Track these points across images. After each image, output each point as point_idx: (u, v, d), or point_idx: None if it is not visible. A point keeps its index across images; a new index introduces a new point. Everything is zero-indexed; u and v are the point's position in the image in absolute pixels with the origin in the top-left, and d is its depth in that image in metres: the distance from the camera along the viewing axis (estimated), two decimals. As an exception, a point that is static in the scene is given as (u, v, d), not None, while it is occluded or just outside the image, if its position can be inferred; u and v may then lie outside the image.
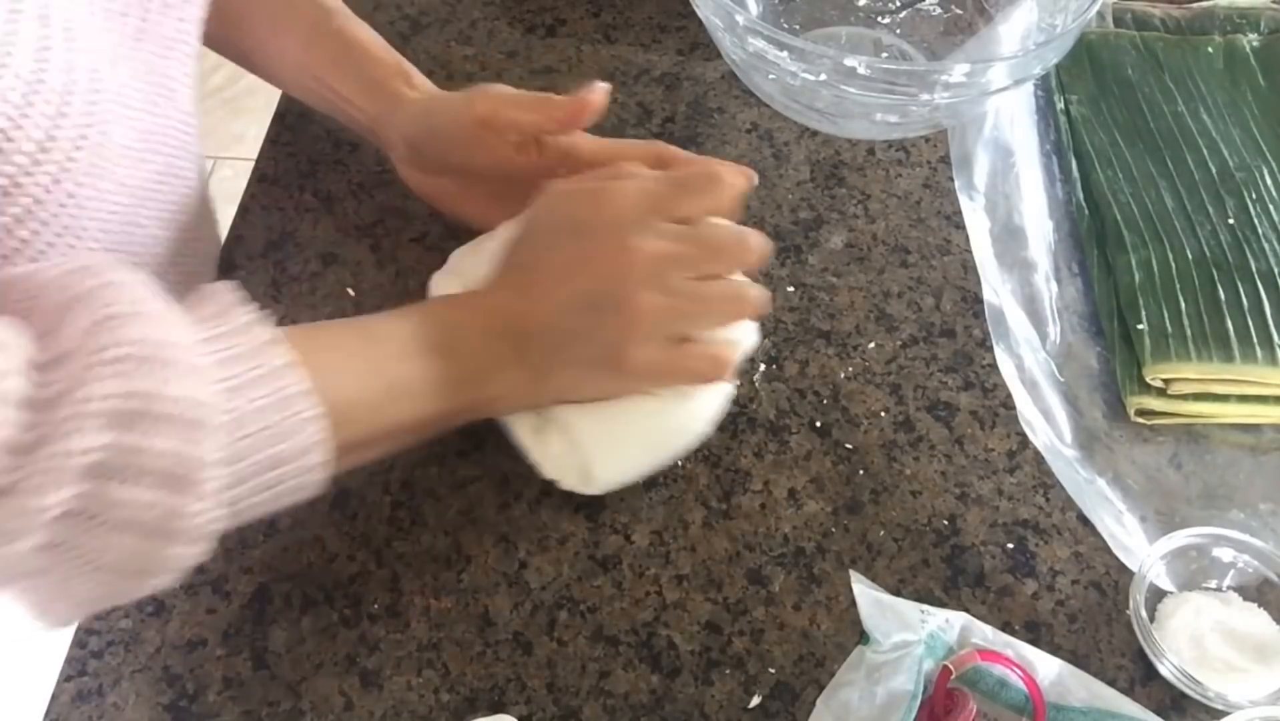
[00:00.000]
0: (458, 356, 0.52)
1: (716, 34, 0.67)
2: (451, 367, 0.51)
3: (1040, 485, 0.60)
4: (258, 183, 0.71)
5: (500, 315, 0.53)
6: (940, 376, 0.63)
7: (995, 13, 0.75)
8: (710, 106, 0.76)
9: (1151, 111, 0.74)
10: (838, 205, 0.71)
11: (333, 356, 0.48)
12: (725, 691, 0.53)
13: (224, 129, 2.00)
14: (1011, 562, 0.57)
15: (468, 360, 0.52)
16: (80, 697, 0.52)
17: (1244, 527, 0.57)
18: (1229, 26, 0.80)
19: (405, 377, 0.50)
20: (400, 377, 0.50)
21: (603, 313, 0.51)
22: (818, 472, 0.60)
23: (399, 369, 0.50)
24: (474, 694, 0.52)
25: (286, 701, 0.52)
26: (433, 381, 0.51)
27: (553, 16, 0.81)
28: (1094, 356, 0.64)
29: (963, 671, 0.50)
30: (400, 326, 0.52)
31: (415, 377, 0.50)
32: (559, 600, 0.55)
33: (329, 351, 0.49)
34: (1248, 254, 0.66)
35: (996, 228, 0.69)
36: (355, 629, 0.54)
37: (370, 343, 0.51)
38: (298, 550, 0.56)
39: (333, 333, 0.52)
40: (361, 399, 0.49)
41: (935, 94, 0.64)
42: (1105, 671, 0.53)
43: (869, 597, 0.50)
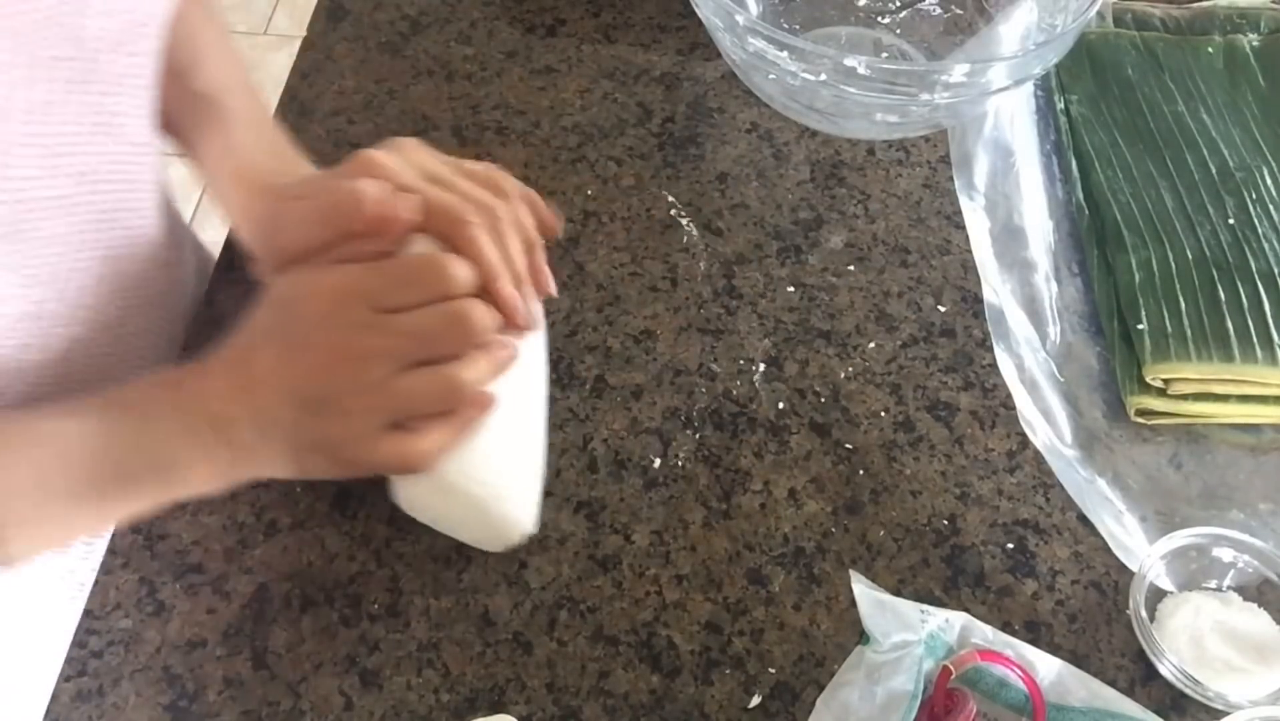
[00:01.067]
0: (142, 451, 0.49)
1: (716, 34, 0.67)
2: (133, 465, 0.49)
3: (1040, 485, 0.60)
4: (258, 183, 0.71)
5: (209, 417, 0.50)
6: (940, 376, 0.63)
7: (995, 13, 0.75)
8: (710, 106, 0.76)
9: (1151, 111, 0.74)
10: (838, 205, 0.71)
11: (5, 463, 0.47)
12: (725, 691, 0.53)
13: (224, 129, 1.99)
14: (1011, 562, 0.57)
15: (155, 453, 0.50)
16: (80, 697, 0.52)
17: (1244, 527, 0.57)
18: (1229, 26, 0.80)
19: (70, 481, 0.48)
20: (64, 482, 0.48)
21: (314, 409, 0.49)
22: (818, 472, 0.60)
23: (62, 473, 0.48)
24: (474, 694, 0.52)
25: (286, 701, 0.52)
26: (103, 482, 0.49)
27: (553, 16, 0.81)
28: (1094, 356, 0.64)
29: (963, 671, 0.50)
30: (74, 424, 0.49)
31: (81, 480, 0.48)
32: (559, 600, 0.55)
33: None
34: (1248, 254, 0.66)
35: (996, 228, 0.69)
36: (355, 629, 0.54)
37: (38, 440, 0.49)
38: (298, 550, 0.56)
39: (8, 434, 0.49)
40: (22, 501, 0.47)
41: (935, 94, 0.64)
42: (1105, 671, 0.53)
43: (869, 597, 0.50)
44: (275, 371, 0.50)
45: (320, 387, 0.49)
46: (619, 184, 0.71)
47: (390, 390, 0.49)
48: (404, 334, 0.49)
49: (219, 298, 0.66)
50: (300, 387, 0.49)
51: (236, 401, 0.50)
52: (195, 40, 0.62)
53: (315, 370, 0.49)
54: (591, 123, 0.74)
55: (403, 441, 0.49)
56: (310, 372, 0.49)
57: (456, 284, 0.50)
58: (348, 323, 0.49)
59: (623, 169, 0.72)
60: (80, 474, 0.48)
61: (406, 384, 0.49)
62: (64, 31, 0.49)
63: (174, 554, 0.57)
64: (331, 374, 0.49)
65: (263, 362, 0.50)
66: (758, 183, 0.72)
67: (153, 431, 0.50)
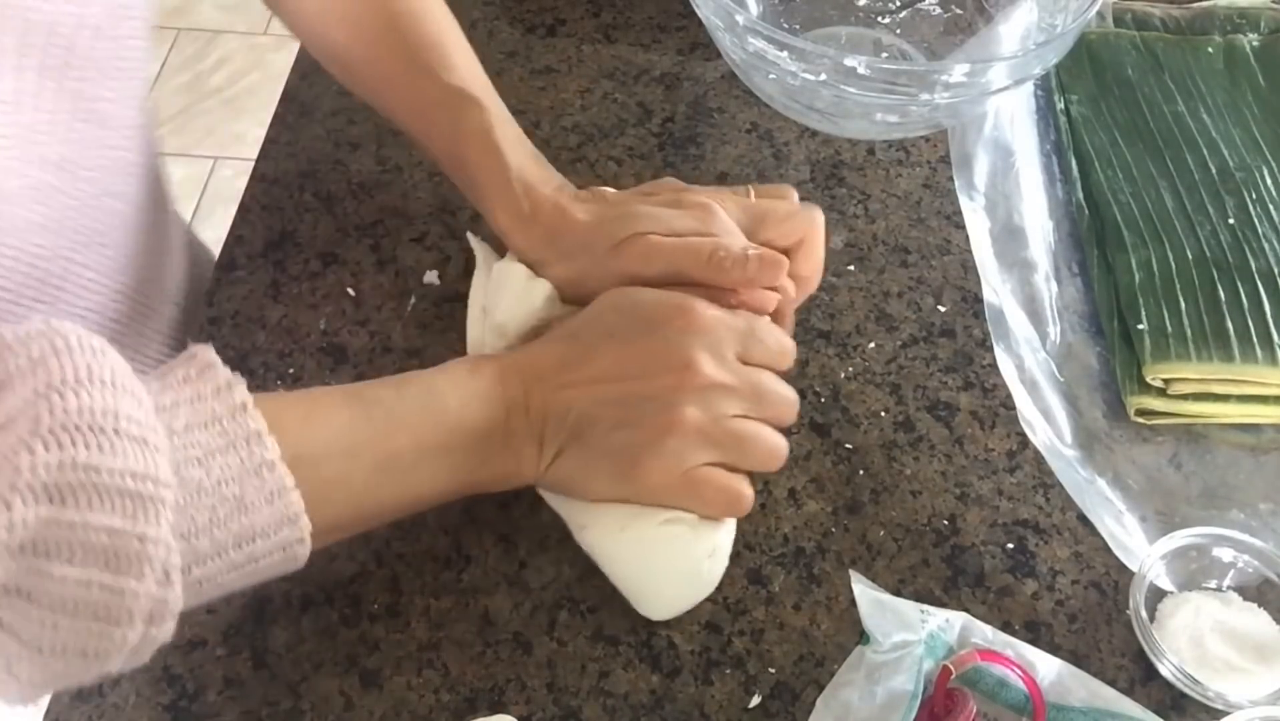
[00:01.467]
0: (463, 433, 0.50)
1: (716, 34, 0.67)
2: (455, 443, 0.50)
3: (1040, 485, 0.60)
4: (258, 183, 0.71)
5: (534, 388, 0.51)
6: (940, 376, 0.63)
7: (995, 13, 0.75)
8: (710, 106, 0.76)
9: (1151, 111, 0.74)
10: (838, 205, 0.71)
11: (314, 426, 0.46)
12: (725, 691, 0.53)
13: (224, 129, 2.00)
14: (1011, 562, 0.57)
15: (474, 437, 0.50)
16: (80, 697, 0.52)
17: (1244, 527, 0.57)
18: (1229, 26, 0.80)
19: (396, 454, 0.48)
20: (391, 455, 0.48)
21: (641, 414, 0.51)
22: (818, 472, 0.60)
23: (389, 444, 0.48)
24: (474, 694, 0.52)
25: (286, 701, 0.52)
26: (429, 460, 0.49)
27: (553, 16, 0.81)
28: (1094, 356, 0.64)
29: (963, 671, 0.50)
30: (398, 396, 0.50)
31: (407, 454, 0.48)
32: (559, 600, 0.55)
33: (309, 421, 0.46)
34: (1248, 254, 0.66)
35: (996, 228, 0.69)
36: (355, 629, 0.54)
37: (362, 411, 0.48)
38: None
39: (318, 400, 0.49)
40: (342, 476, 0.46)
41: (935, 94, 0.64)
42: (1105, 671, 0.53)
43: (869, 597, 0.50)
44: (615, 370, 0.51)
45: (667, 396, 0.51)
46: (619, 184, 0.71)
47: (731, 428, 0.52)
48: (757, 388, 0.53)
49: (219, 297, 0.66)
50: (643, 391, 0.51)
51: (562, 391, 0.51)
52: (444, 40, 0.63)
53: (669, 380, 0.51)
54: (591, 123, 0.74)
55: (733, 479, 0.52)
56: (661, 381, 0.51)
57: (789, 359, 0.56)
58: (710, 352, 0.51)
59: (623, 169, 0.72)
60: (387, 445, 0.48)
61: (747, 429, 0.52)
62: (35, 18, 0.48)
63: (174, 554, 0.57)
64: (689, 389, 0.51)
65: (605, 359, 0.52)
66: (758, 183, 0.72)
67: (458, 416, 0.50)
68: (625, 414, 0.51)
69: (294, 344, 0.64)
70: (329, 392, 0.50)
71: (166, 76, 2.08)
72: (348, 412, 0.48)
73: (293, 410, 0.46)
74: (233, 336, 0.64)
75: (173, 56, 2.11)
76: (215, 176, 1.94)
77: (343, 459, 0.47)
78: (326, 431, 0.47)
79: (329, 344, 0.64)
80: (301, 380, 0.62)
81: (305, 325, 0.64)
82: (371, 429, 0.48)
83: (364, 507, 0.49)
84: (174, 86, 2.06)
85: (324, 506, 0.44)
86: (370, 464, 0.48)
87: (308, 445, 0.45)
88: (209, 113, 2.02)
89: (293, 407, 0.47)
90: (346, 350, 0.63)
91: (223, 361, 0.43)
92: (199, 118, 2.02)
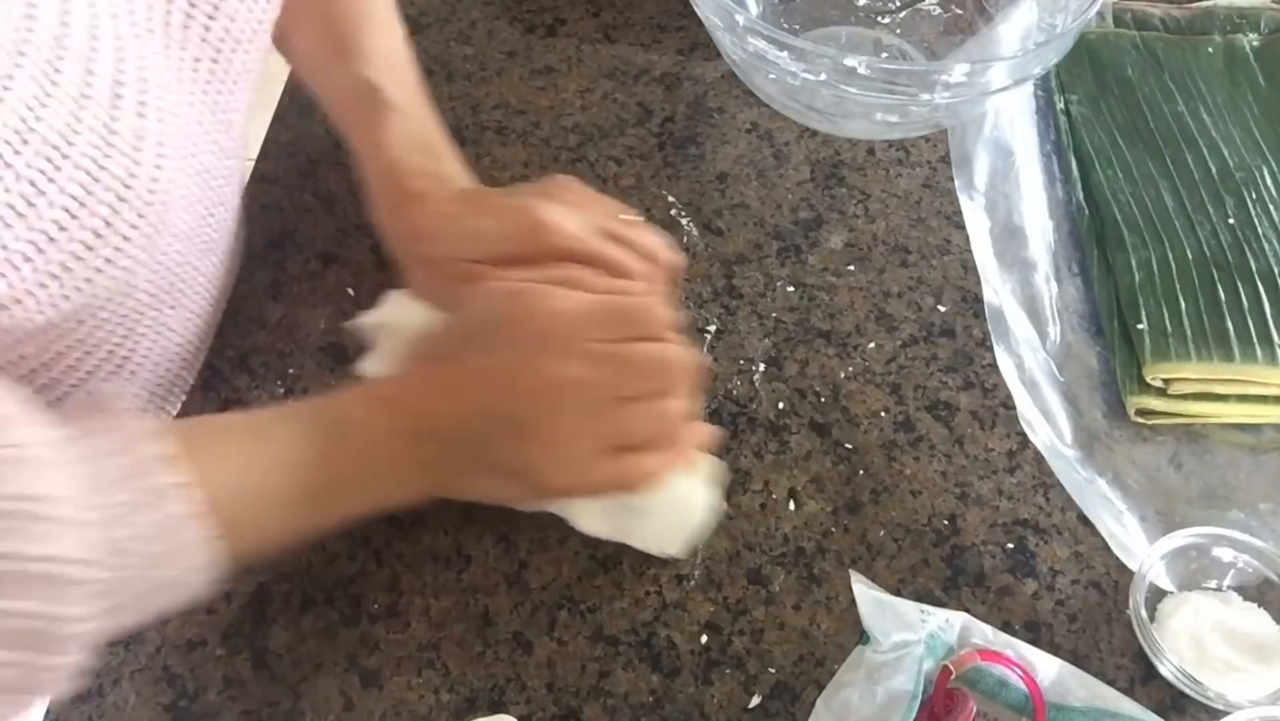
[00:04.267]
0: (349, 460, 0.49)
1: (716, 34, 0.67)
2: (340, 472, 0.49)
3: (1040, 485, 0.60)
4: (258, 183, 0.71)
5: (409, 415, 0.50)
6: (940, 376, 0.63)
7: (995, 13, 0.75)
8: (710, 106, 0.76)
9: (1151, 111, 0.74)
10: (838, 205, 0.71)
11: (212, 457, 0.45)
12: (725, 691, 0.53)
13: (224, 129, 2.00)
14: (1011, 562, 0.57)
15: (360, 463, 0.50)
16: (80, 698, 0.52)
17: (1244, 527, 0.57)
18: (1229, 26, 0.80)
19: (284, 485, 0.48)
20: (279, 485, 0.47)
21: (520, 431, 0.50)
22: (818, 472, 0.60)
23: (278, 476, 0.47)
24: (474, 694, 0.52)
25: (286, 701, 0.52)
26: (315, 488, 0.48)
27: (553, 16, 0.81)
28: (1094, 356, 0.64)
29: (963, 671, 0.50)
30: (289, 427, 0.49)
31: (295, 485, 0.48)
32: (559, 600, 0.55)
33: (209, 451, 0.46)
34: (1248, 254, 0.66)
35: (996, 228, 0.69)
36: (355, 629, 0.54)
37: (256, 441, 0.48)
38: (298, 550, 0.56)
39: (220, 427, 0.50)
40: (239, 501, 0.46)
41: (935, 94, 0.64)
42: (1105, 671, 0.53)
43: (869, 597, 0.50)
44: (484, 384, 0.50)
45: (530, 411, 0.50)
46: (619, 184, 0.71)
47: (610, 419, 0.50)
48: (626, 367, 0.51)
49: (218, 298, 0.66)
50: (511, 409, 0.50)
51: (438, 398, 0.50)
52: (358, 14, 0.62)
53: (530, 393, 0.50)
54: (591, 123, 0.74)
55: (624, 462, 0.51)
56: (524, 395, 0.50)
57: (666, 326, 0.52)
58: (569, 350, 0.50)
59: (623, 169, 0.72)
60: (295, 479, 0.48)
61: (628, 413, 0.51)
62: (201, 34, 0.50)
63: (174, 554, 0.57)
64: (546, 399, 0.50)
65: (471, 370, 0.50)
66: (758, 183, 0.72)
67: (359, 440, 0.50)
68: (506, 433, 0.50)
69: (294, 344, 0.64)
70: (229, 420, 0.50)
71: (166, 76, 2.07)
72: (243, 440, 0.48)
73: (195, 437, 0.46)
74: (233, 336, 0.64)
75: (173, 56, 2.11)
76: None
77: (234, 489, 0.46)
78: (220, 460, 0.46)
79: (329, 344, 0.64)
80: (301, 380, 0.62)
81: (305, 325, 0.64)
82: (262, 457, 0.48)
83: (263, 533, 0.49)
84: (174, 86, 2.06)
85: (227, 531, 0.44)
86: (257, 492, 0.47)
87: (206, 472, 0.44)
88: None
89: (195, 433, 0.47)
90: (346, 350, 0.63)
91: (222, 362, 0.44)
92: (199, 118, 2.01)
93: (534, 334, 0.51)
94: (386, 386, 0.53)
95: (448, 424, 0.50)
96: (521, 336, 0.51)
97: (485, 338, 0.52)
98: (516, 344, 0.51)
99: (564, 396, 0.50)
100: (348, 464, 0.49)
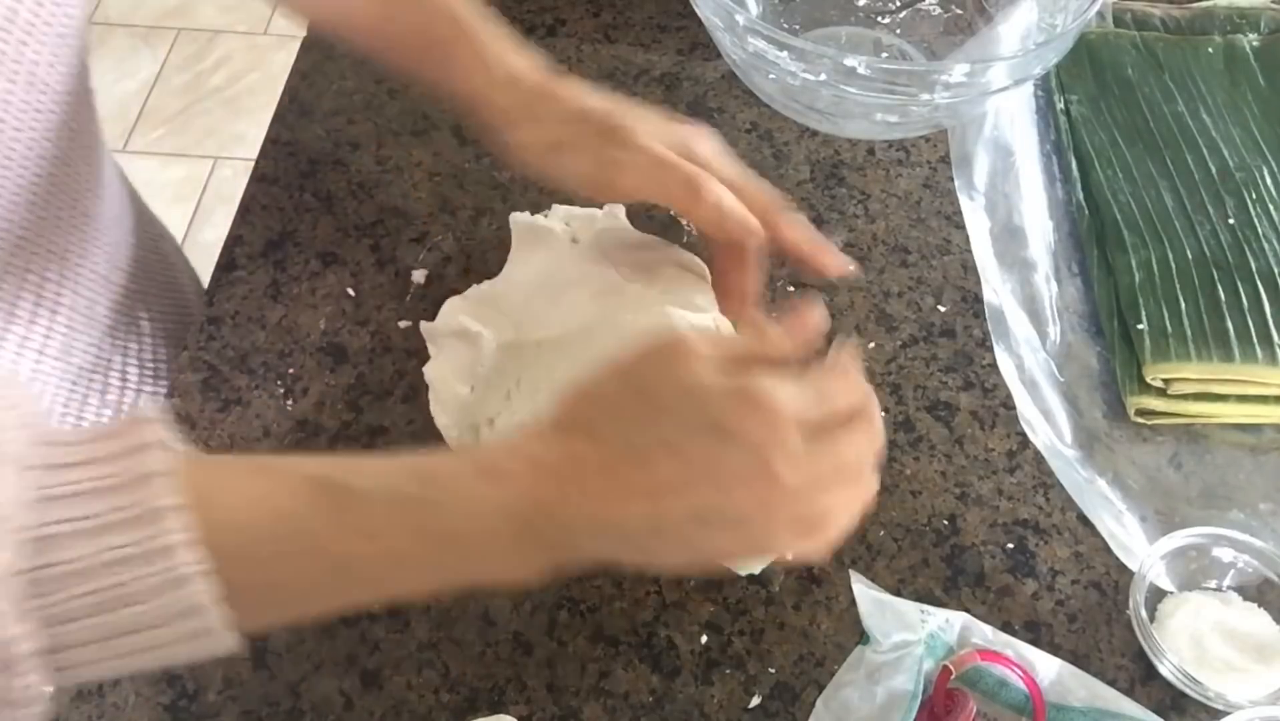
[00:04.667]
0: (459, 543, 0.41)
1: (716, 34, 0.67)
2: (445, 556, 0.42)
3: (1040, 485, 0.60)
4: (258, 183, 0.71)
5: (570, 493, 0.42)
6: (940, 376, 0.63)
7: (995, 13, 0.75)
8: (710, 106, 0.76)
9: (1151, 111, 0.74)
10: (838, 205, 0.71)
11: (236, 505, 0.39)
12: (725, 691, 0.53)
13: (224, 129, 2.00)
14: (1011, 562, 0.57)
15: (473, 547, 0.42)
16: (80, 697, 0.52)
17: (1244, 527, 0.57)
18: (1229, 26, 0.80)
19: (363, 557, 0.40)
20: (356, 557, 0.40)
21: (717, 528, 0.42)
22: (818, 472, 0.59)
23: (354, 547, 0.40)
24: (474, 694, 0.52)
25: (286, 701, 0.52)
26: (406, 568, 0.41)
27: (553, 16, 0.81)
28: (1094, 356, 0.64)
29: (963, 671, 0.50)
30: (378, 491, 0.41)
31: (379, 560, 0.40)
32: (559, 600, 0.55)
33: (249, 499, 0.39)
34: (1248, 254, 0.66)
35: (996, 228, 0.69)
36: (355, 629, 0.54)
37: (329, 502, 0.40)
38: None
39: (242, 470, 0.42)
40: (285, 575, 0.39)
41: (935, 94, 0.64)
42: (1105, 671, 0.53)
43: (869, 597, 0.50)
44: (679, 481, 0.42)
45: (751, 511, 0.42)
46: (619, 184, 0.71)
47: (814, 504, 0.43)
48: (836, 468, 0.43)
49: (219, 297, 0.66)
50: (711, 504, 0.42)
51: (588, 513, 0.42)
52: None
53: (743, 497, 0.42)
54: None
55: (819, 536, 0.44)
56: (732, 495, 0.42)
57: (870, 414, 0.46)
58: (790, 454, 0.42)
59: (623, 169, 0.72)
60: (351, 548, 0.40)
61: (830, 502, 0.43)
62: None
63: (174, 554, 0.57)
64: (762, 507, 0.42)
65: (665, 468, 0.42)
66: (758, 183, 0.72)
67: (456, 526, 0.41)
68: (704, 527, 0.42)
69: (294, 344, 0.64)
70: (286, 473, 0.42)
71: (166, 76, 2.08)
72: (309, 501, 0.40)
73: (216, 477, 0.40)
74: (233, 336, 0.64)
75: (173, 56, 2.11)
76: (215, 176, 1.94)
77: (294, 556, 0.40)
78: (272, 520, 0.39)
79: (329, 344, 0.64)
80: (301, 380, 0.62)
81: (305, 325, 0.64)
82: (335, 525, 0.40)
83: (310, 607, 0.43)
84: (174, 86, 2.06)
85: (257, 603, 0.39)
86: (328, 566, 0.40)
87: (239, 530, 0.38)
88: (209, 113, 2.02)
89: (216, 474, 0.40)
90: (346, 350, 0.63)
91: (222, 362, 0.42)
92: (199, 118, 2.01)
93: (760, 435, 0.42)
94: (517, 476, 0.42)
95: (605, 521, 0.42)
96: (747, 436, 0.42)
97: (692, 435, 0.42)
98: (740, 443, 0.42)
99: (786, 498, 0.42)
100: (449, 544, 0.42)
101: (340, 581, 0.41)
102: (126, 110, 2.00)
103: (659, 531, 0.42)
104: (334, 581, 0.41)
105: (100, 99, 0.63)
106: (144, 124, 1.99)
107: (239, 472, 0.42)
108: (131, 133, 1.97)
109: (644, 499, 0.42)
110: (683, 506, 0.42)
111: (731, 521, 0.42)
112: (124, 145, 1.95)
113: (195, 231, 1.85)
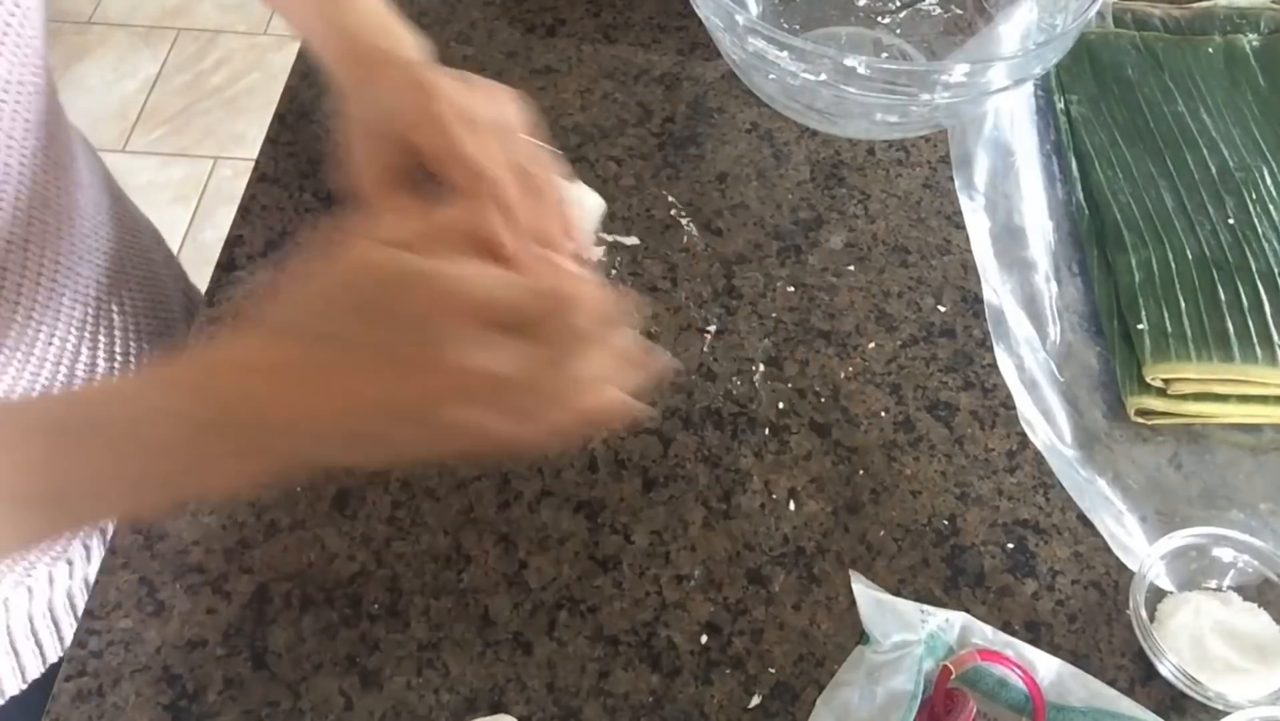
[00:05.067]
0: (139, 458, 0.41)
1: (716, 34, 0.67)
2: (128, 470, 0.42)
3: (1040, 485, 0.60)
4: (258, 183, 0.71)
5: (247, 405, 0.41)
6: (940, 376, 0.63)
7: (995, 13, 0.75)
8: (710, 106, 0.76)
9: (1151, 111, 0.74)
10: (838, 205, 0.71)
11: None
12: (725, 691, 0.53)
13: (224, 129, 2.00)
14: (1011, 562, 0.57)
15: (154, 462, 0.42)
16: (80, 697, 0.52)
17: (1244, 527, 0.57)
18: (1229, 26, 0.80)
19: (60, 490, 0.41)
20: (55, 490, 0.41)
21: (413, 423, 0.41)
22: (818, 472, 0.60)
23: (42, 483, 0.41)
24: (474, 694, 0.52)
25: (286, 701, 0.52)
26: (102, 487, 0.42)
27: (553, 16, 0.81)
28: (1094, 356, 0.64)
29: (963, 671, 0.50)
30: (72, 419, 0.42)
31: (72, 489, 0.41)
32: (559, 600, 0.55)
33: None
34: (1248, 254, 0.66)
35: (996, 228, 0.69)
36: (355, 629, 0.54)
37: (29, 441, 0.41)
38: (298, 550, 0.56)
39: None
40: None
41: (935, 94, 0.64)
42: (1105, 671, 0.53)
43: (869, 597, 0.50)
44: (361, 384, 0.40)
45: (428, 406, 0.40)
46: (619, 184, 0.71)
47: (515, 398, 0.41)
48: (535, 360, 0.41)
49: (219, 297, 0.66)
50: (401, 404, 0.40)
51: (304, 408, 0.41)
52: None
53: (425, 392, 0.40)
54: (591, 123, 0.74)
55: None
56: (418, 393, 0.40)
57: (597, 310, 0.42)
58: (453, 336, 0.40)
59: (623, 169, 0.72)
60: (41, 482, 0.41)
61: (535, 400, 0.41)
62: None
63: (174, 554, 0.57)
64: (441, 393, 0.40)
65: (344, 370, 0.41)
66: (758, 183, 0.72)
67: (149, 437, 0.41)
68: (401, 423, 0.41)
69: (294, 344, 0.64)
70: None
71: (166, 76, 2.08)
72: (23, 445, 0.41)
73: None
74: (233, 336, 0.64)
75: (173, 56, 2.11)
76: (215, 176, 1.94)
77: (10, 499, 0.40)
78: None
79: (329, 344, 0.64)
80: (301, 380, 0.62)
81: (305, 325, 0.64)
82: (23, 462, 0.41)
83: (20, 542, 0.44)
84: (174, 86, 2.06)
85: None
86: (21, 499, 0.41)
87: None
88: (209, 113, 2.02)
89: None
90: (346, 350, 0.63)
91: None
92: (199, 118, 2.02)
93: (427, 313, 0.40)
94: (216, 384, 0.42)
95: (308, 419, 0.41)
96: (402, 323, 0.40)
97: (357, 322, 0.41)
98: (400, 329, 0.40)
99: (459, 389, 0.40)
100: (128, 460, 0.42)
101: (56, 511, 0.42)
102: (126, 110, 2.00)
103: (353, 430, 0.41)
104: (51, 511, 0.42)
105: (100, 99, 0.63)
106: (144, 124, 1.99)
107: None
108: (131, 133, 1.97)
109: (321, 395, 0.40)
110: (364, 401, 0.40)
111: (414, 414, 0.41)
112: (124, 145, 1.95)
113: (195, 231, 1.85)
